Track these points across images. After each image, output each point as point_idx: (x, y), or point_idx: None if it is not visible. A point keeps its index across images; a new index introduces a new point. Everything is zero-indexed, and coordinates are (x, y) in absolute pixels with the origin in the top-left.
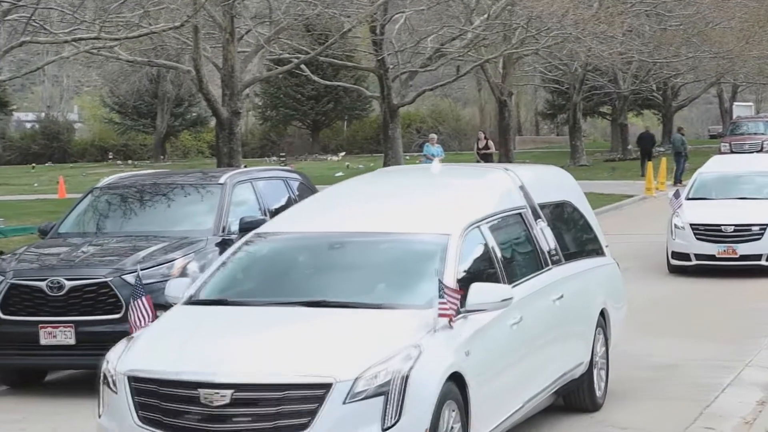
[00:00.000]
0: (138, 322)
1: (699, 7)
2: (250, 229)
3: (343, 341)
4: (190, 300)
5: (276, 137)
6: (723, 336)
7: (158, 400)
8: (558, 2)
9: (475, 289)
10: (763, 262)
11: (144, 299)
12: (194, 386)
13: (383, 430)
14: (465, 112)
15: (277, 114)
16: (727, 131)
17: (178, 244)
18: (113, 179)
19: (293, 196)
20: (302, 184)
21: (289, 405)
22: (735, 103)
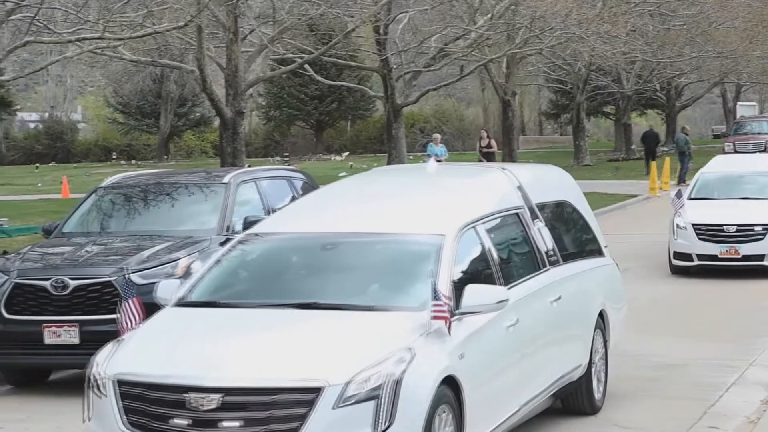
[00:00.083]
0: (127, 324)
1: (702, 7)
2: None
3: (335, 344)
4: (181, 302)
5: (279, 137)
6: (726, 336)
7: (146, 404)
8: (561, 2)
9: (470, 291)
10: (766, 263)
11: (133, 301)
12: (182, 390)
13: None
14: (468, 112)
15: (281, 114)
16: (731, 131)
17: (182, 244)
18: (117, 179)
19: (297, 196)
20: (306, 184)
21: (279, 409)
22: (738, 103)
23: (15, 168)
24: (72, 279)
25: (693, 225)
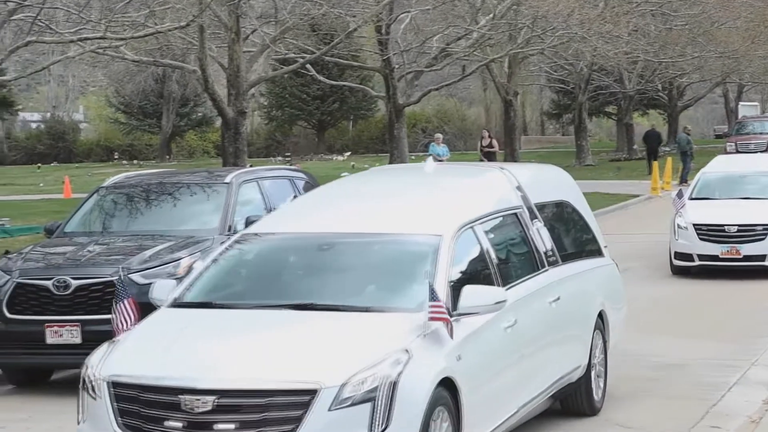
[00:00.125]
0: (121, 325)
1: (704, 7)
2: None
3: (330, 346)
4: (176, 302)
5: (281, 137)
6: (727, 335)
7: (140, 406)
8: (563, 2)
9: (468, 292)
10: (767, 263)
11: (128, 301)
12: (176, 392)
13: None
14: (470, 112)
15: (283, 114)
16: (733, 131)
17: (184, 243)
18: (119, 179)
19: (299, 196)
20: (308, 183)
21: (274, 412)
22: (740, 103)
23: (17, 168)
24: (74, 279)
25: (694, 225)
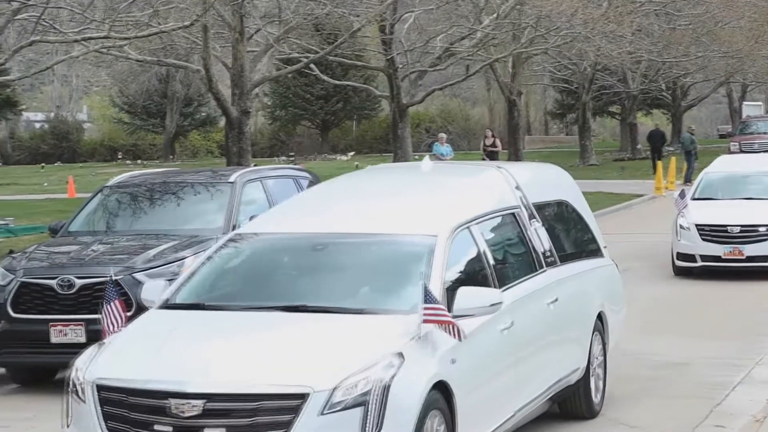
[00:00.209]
0: (110, 327)
1: (708, 7)
2: None
3: (322, 349)
4: (166, 304)
5: (285, 137)
6: (731, 335)
7: (126, 411)
8: (567, 1)
9: (463, 294)
10: None
11: (116, 303)
12: (164, 396)
13: None
14: (474, 112)
15: (287, 113)
16: (737, 130)
17: (188, 243)
18: (123, 178)
19: None
20: (312, 183)
21: (264, 416)
22: (744, 103)
23: (21, 168)
24: (78, 278)
25: (696, 225)
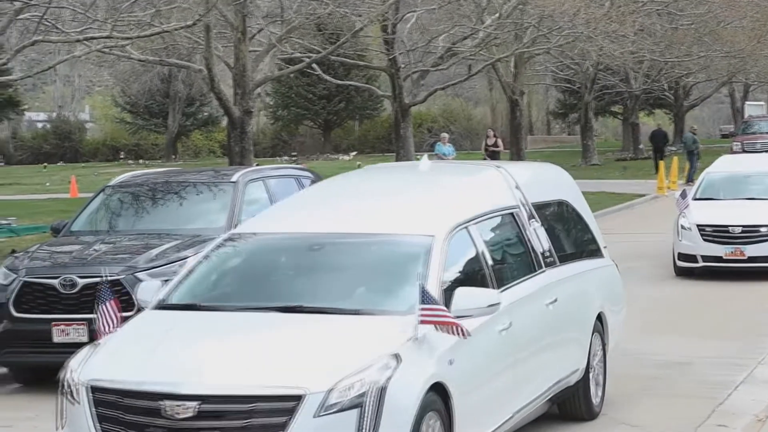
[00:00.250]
0: (104, 328)
1: (710, 6)
2: None
3: (317, 350)
4: (161, 304)
5: (287, 137)
6: (732, 335)
7: (120, 412)
8: (569, 1)
9: (460, 294)
10: None
11: (110, 303)
12: (158, 398)
13: None
14: (476, 112)
15: (289, 113)
16: (739, 130)
17: (191, 242)
18: (125, 178)
19: None
20: (314, 183)
21: (258, 418)
22: (747, 103)
23: (23, 167)
24: (80, 277)
25: (698, 226)
